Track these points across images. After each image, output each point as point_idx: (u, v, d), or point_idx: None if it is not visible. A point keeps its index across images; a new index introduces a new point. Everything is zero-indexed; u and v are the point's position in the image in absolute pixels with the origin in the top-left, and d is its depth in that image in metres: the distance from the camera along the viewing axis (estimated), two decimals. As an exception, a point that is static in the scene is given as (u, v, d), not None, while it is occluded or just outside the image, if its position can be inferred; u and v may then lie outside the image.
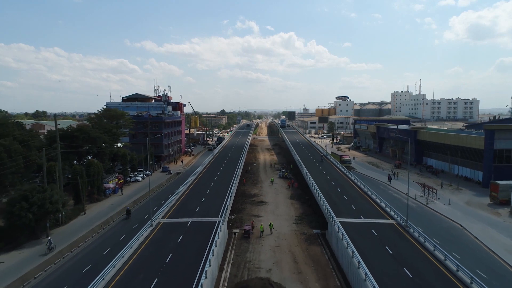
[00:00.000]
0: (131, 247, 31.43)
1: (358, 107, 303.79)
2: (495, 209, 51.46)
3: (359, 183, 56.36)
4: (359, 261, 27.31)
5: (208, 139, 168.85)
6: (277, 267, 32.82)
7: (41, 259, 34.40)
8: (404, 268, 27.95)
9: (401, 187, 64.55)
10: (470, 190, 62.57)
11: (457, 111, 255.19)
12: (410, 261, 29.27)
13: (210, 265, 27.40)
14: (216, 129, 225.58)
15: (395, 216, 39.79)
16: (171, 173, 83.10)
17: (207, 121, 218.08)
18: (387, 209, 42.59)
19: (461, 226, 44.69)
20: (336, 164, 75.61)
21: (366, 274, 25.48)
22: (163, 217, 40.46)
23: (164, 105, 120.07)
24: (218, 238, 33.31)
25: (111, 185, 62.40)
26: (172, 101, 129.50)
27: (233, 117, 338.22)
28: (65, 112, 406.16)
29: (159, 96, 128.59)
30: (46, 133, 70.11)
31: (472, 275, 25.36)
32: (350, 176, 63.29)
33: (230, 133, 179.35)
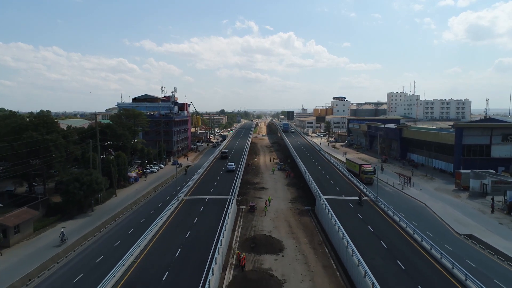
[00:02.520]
0: (166, 214, 41.82)
1: (355, 107, 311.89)
2: (457, 193, 61.87)
3: (344, 172, 66.79)
4: (335, 220, 37.66)
5: (210, 137, 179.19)
6: (276, 230, 43.14)
7: (90, 227, 44.35)
8: (368, 226, 38.35)
9: (382, 177, 74.83)
10: (442, 180, 72.90)
11: (450, 111, 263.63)
12: (374, 222, 39.67)
13: (227, 223, 37.75)
14: (217, 128, 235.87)
15: (369, 194, 50.27)
16: (181, 166, 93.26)
17: (209, 120, 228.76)
18: (364, 189, 53.05)
19: (425, 205, 54.95)
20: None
21: (339, 227, 35.83)
22: (185, 195, 50.85)
23: (172, 105, 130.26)
24: (231, 208, 43.63)
25: (133, 174, 72.69)
26: (177, 101, 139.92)
27: (232, 117, 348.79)
28: (65, 112, 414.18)
29: (165, 96, 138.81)
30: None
31: (414, 227, 35.74)
32: (339, 167, 73.65)
33: (231, 131, 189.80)
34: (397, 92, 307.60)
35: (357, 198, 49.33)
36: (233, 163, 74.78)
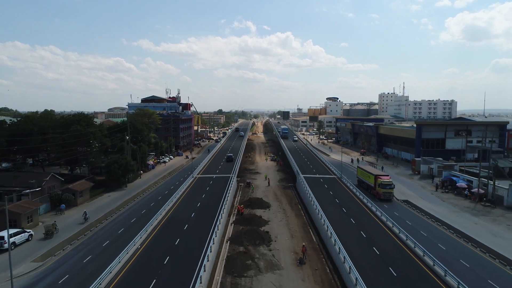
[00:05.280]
0: (185, 185, 57.64)
1: (348, 108, 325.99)
2: (412, 176, 77.92)
3: (323, 160, 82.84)
4: (307, 188, 53.57)
5: (210, 134, 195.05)
6: (265, 197, 58.98)
7: (128, 196, 59.82)
8: (330, 192, 54.47)
9: (356, 165, 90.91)
10: (404, 167, 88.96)
11: (437, 111, 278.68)
12: (335, 190, 55.74)
13: (230, 188, 53.61)
14: (216, 127, 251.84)
15: (337, 174, 66.28)
16: (187, 157, 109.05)
17: (210, 120, 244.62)
18: (334, 170, 69.18)
19: (382, 183, 70.84)
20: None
21: (308, 191, 51.71)
22: (197, 174, 66.72)
23: (177, 106, 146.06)
24: (232, 182, 59.56)
25: (151, 162, 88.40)
26: (180, 101, 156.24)
27: (230, 117, 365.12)
28: (64, 111, 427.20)
29: (169, 97, 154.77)
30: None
31: (361, 192, 51.58)
32: (319, 156, 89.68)
33: (229, 130, 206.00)
34: (388, 93, 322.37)
35: (329, 176, 65.29)
36: (243, 132, 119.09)
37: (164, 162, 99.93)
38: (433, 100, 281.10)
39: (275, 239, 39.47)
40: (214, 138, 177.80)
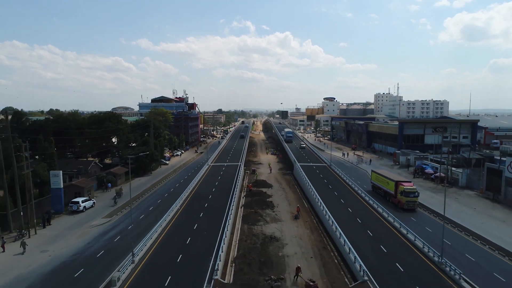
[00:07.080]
0: (203, 171, 70.60)
1: (345, 107, 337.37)
2: (393, 166, 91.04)
3: (317, 153, 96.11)
4: (303, 174, 66.65)
5: (214, 133, 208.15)
6: (268, 180, 72.09)
7: (155, 180, 72.64)
8: (321, 175, 67.56)
9: (347, 158, 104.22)
10: (388, 159, 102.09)
11: (429, 111, 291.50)
12: (325, 174, 68.96)
13: (240, 172, 66.68)
14: (217, 126, 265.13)
15: (327, 162, 79.50)
16: (196, 152, 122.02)
17: (213, 119, 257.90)
18: (325, 160, 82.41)
19: (366, 171, 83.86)
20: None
21: (303, 174, 64.78)
22: (211, 162, 79.85)
23: (185, 105, 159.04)
24: (241, 168, 72.61)
25: (167, 155, 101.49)
26: (188, 102, 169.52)
27: (230, 116, 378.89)
28: (65, 110, 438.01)
29: (176, 97, 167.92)
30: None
31: (344, 174, 64.71)
32: (313, 150, 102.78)
33: (231, 128, 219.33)
34: (383, 93, 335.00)
35: (321, 164, 78.42)
36: (247, 124, 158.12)
37: (178, 155, 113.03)
38: (426, 100, 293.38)
39: (277, 206, 52.59)
40: (219, 136, 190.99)
